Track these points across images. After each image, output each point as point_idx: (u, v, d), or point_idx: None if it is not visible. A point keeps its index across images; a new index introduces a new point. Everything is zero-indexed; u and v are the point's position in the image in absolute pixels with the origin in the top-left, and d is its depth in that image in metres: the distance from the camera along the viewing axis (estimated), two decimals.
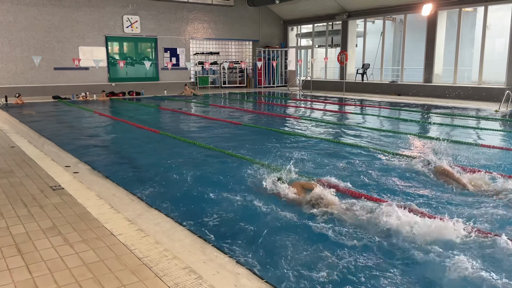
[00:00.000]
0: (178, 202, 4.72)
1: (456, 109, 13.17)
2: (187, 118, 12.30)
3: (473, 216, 4.13)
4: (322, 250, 3.48)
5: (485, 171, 5.55)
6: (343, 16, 20.41)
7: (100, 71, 18.68)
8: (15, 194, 4.80)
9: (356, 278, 3.07)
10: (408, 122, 10.82)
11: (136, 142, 8.43)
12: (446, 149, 6.56)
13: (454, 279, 3.04)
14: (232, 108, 14.29)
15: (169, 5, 20.20)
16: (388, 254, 3.43)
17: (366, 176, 5.63)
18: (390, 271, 3.18)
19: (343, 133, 9.37)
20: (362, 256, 3.40)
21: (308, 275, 3.11)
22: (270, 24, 23.78)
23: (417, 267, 3.25)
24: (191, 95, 18.82)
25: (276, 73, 23.98)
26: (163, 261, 3.18)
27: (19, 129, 9.64)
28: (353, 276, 3.10)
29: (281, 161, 5.97)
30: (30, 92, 17.21)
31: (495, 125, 10.47)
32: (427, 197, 4.83)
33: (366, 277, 3.08)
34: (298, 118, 11.71)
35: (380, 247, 3.52)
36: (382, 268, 3.23)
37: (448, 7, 16.55)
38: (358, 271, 3.16)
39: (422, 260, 3.32)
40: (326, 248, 3.50)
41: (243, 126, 10.14)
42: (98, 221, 3.98)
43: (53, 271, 3.03)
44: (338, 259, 3.33)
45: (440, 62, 17.48)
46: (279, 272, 3.17)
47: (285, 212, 4.27)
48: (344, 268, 3.21)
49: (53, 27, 17.62)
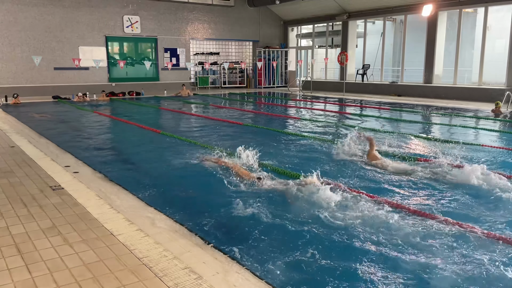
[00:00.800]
0: (178, 202, 4.72)
1: (456, 110, 13.17)
2: (188, 117, 12.30)
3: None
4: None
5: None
6: (343, 17, 20.42)
7: (100, 71, 18.68)
8: (15, 194, 4.79)
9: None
10: (396, 122, 10.83)
11: (136, 142, 8.42)
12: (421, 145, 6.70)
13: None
14: (232, 108, 14.29)
15: (169, 5, 20.21)
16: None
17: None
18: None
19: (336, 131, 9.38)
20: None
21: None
22: (270, 25, 23.79)
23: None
24: (188, 96, 18.57)
25: (276, 74, 24.00)
26: (163, 261, 3.18)
27: (19, 129, 9.64)
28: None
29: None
30: (30, 92, 17.21)
31: (489, 124, 10.48)
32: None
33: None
34: (298, 118, 11.71)
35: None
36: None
37: (448, 8, 16.55)
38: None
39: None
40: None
41: (244, 126, 10.14)
42: (98, 221, 3.97)
43: (52, 271, 3.03)
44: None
45: (440, 63, 17.49)
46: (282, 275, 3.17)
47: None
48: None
49: (53, 27, 17.63)
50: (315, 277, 3.11)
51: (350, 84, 20.27)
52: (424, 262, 3.28)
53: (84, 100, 16.57)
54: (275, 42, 24.08)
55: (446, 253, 3.42)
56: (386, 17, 19.55)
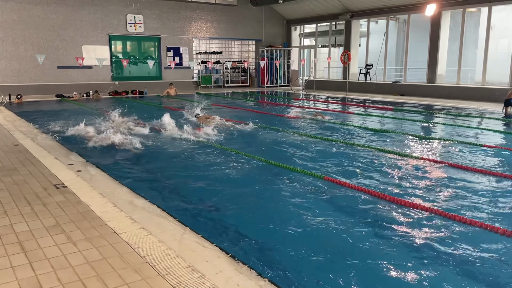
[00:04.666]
0: (182, 200, 4.74)
1: (459, 109, 13.14)
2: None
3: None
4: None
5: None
6: (347, 16, 20.39)
7: (104, 70, 18.71)
8: (18, 192, 4.81)
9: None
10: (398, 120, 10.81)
11: (140, 140, 8.42)
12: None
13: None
14: (236, 108, 14.29)
15: (172, 4, 20.22)
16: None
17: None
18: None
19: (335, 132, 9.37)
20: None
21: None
22: (273, 24, 23.76)
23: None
24: (175, 94, 18.41)
25: (279, 73, 23.98)
26: (166, 260, 3.19)
27: (23, 127, 9.67)
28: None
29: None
30: (34, 91, 17.27)
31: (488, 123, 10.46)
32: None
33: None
34: (299, 118, 11.70)
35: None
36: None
37: (451, 7, 16.50)
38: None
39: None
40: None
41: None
42: (101, 220, 3.99)
43: (56, 269, 3.05)
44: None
45: (444, 62, 17.44)
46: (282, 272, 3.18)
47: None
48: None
49: (56, 26, 17.66)
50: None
51: (353, 84, 20.24)
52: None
53: (80, 99, 16.71)
54: (278, 41, 24.06)
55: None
56: (389, 17, 19.51)
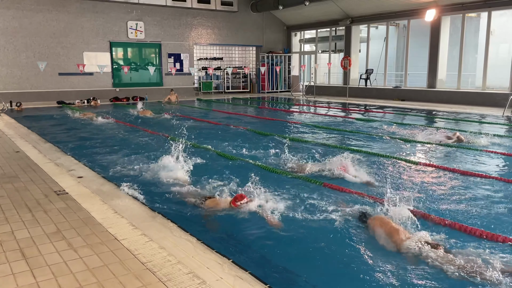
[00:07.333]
0: (182, 207, 4.73)
1: (459, 114, 13.14)
2: (195, 123, 12.32)
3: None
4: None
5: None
6: (347, 22, 20.45)
7: (105, 77, 18.78)
8: (19, 199, 4.82)
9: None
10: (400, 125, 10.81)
11: (141, 146, 8.44)
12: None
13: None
14: (237, 114, 14.30)
15: (173, 11, 20.31)
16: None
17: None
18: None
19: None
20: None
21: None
22: (274, 30, 23.85)
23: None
24: (176, 101, 18.35)
25: (279, 79, 24.03)
26: (166, 266, 3.19)
27: (24, 134, 9.69)
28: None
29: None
30: (35, 98, 17.32)
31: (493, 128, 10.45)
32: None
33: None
34: (300, 123, 11.72)
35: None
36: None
37: (451, 12, 16.55)
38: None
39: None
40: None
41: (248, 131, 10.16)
42: (102, 226, 3.99)
43: (57, 276, 3.04)
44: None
45: (444, 67, 17.47)
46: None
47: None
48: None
49: (58, 33, 17.74)
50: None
51: (354, 89, 20.28)
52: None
53: (82, 106, 16.79)
54: (278, 47, 24.14)
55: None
56: (389, 22, 19.57)
